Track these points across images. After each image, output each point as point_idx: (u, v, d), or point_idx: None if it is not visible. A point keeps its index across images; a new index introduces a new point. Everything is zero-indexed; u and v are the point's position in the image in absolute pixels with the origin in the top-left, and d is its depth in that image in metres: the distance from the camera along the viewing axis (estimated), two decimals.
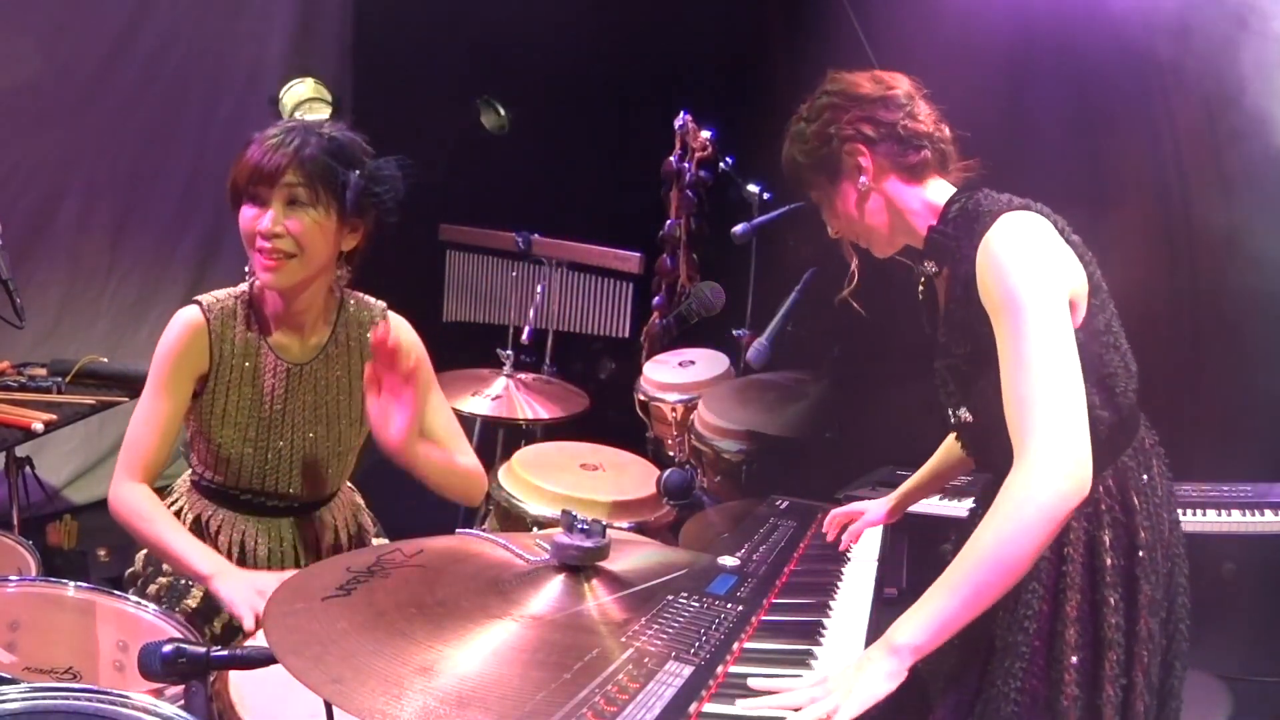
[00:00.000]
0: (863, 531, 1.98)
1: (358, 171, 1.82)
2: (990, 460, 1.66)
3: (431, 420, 2.09)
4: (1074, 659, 1.50)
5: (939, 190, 1.61)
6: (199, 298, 1.93)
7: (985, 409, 1.59)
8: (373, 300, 2.09)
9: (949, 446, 2.00)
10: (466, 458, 2.07)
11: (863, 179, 1.59)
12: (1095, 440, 1.40)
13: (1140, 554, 1.53)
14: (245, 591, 1.71)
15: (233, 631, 1.93)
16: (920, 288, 1.75)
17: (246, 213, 1.80)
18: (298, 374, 1.97)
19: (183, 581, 1.96)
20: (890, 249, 1.68)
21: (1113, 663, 1.50)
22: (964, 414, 1.65)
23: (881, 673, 1.25)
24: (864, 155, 1.58)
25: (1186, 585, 1.64)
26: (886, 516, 2.02)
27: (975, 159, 1.65)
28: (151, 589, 1.96)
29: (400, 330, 2.07)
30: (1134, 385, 1.59)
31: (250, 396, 1.94)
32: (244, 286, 1.97)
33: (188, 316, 1.90)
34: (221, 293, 1.95)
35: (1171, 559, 1.61)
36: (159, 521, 1.85)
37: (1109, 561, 1.52)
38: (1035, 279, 1.43)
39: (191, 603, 1.93)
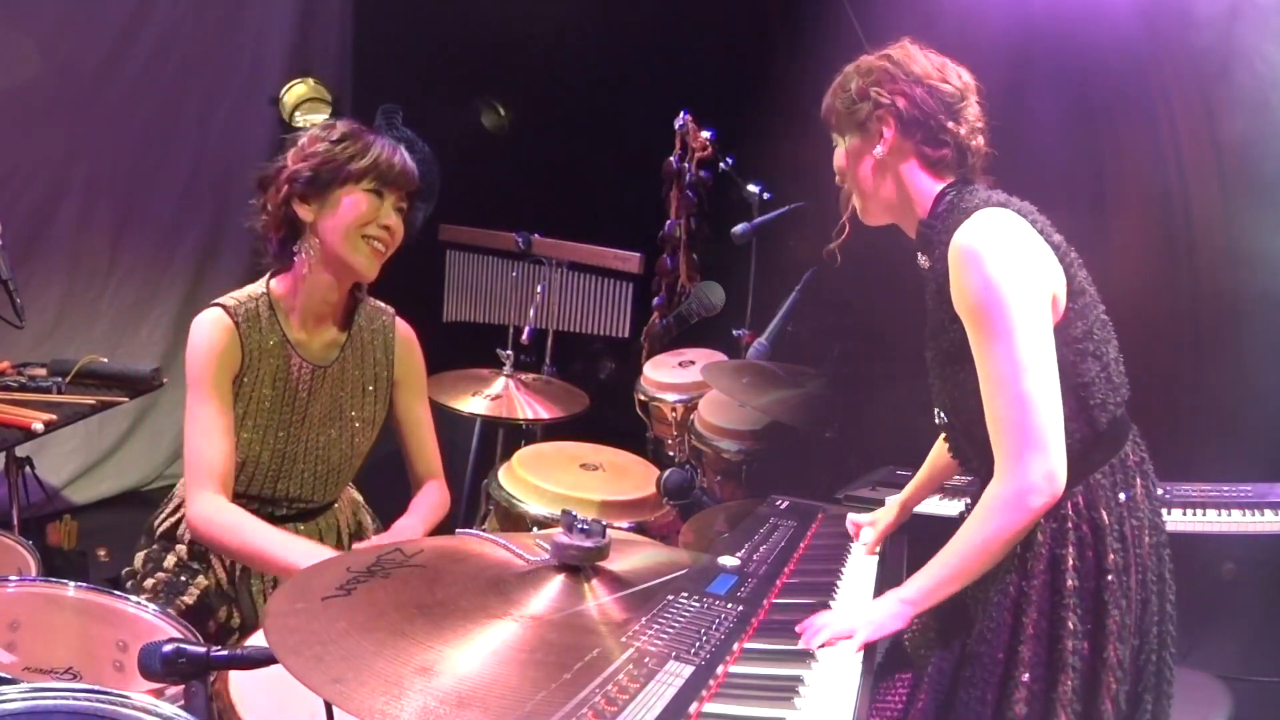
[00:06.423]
0: (881, 539, 1.97)
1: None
2: (967, 462, 1.66)
3: (418, 435, 2.10)
4: (1025, 676, 1.48)
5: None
6: (219, 301, 1.91)
7: (955, 409, 1.60)
8: (383, 305, 2.10)
9: (941, 448, 2.01)
10: (431, 500, 2.11)
11: (880, 147, 1.60)
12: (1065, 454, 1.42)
13: (1109, 577, 1.50)
14: None
15: (227, 630, 1.94)
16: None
17: (366, 201, 1.85)
18: (320, 374, 1.97)
19: (182, 578, 1.95)
20: (876, 218, 1.70)
21: (1067, 687, 1.47)
22: (941, 415, 1.66)
23: (891, 615, 1.48)
24: (889, 127, 1.59)
25: (1171, 613, 1.59)
26: (895, 523, 2.01)
27: (993, 178, 1.65)
28: (149, 583, 1.95)
29: (410, 339, 2.10)
30: (1117, 398, 1.56)
31: (271, 398, 1.92)
32: (260, 288, 1.95)
33: (215, 318, 1.88)
34: (240, 294, 1.94)
35: (1149, 585, 1.55)
36: (247, 529, 1.82)
37: (1070, 583, 1.50)
38: (1005, 283, 1.42)
39: (188, 599, 1.92)
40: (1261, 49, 2.73)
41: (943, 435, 1.76)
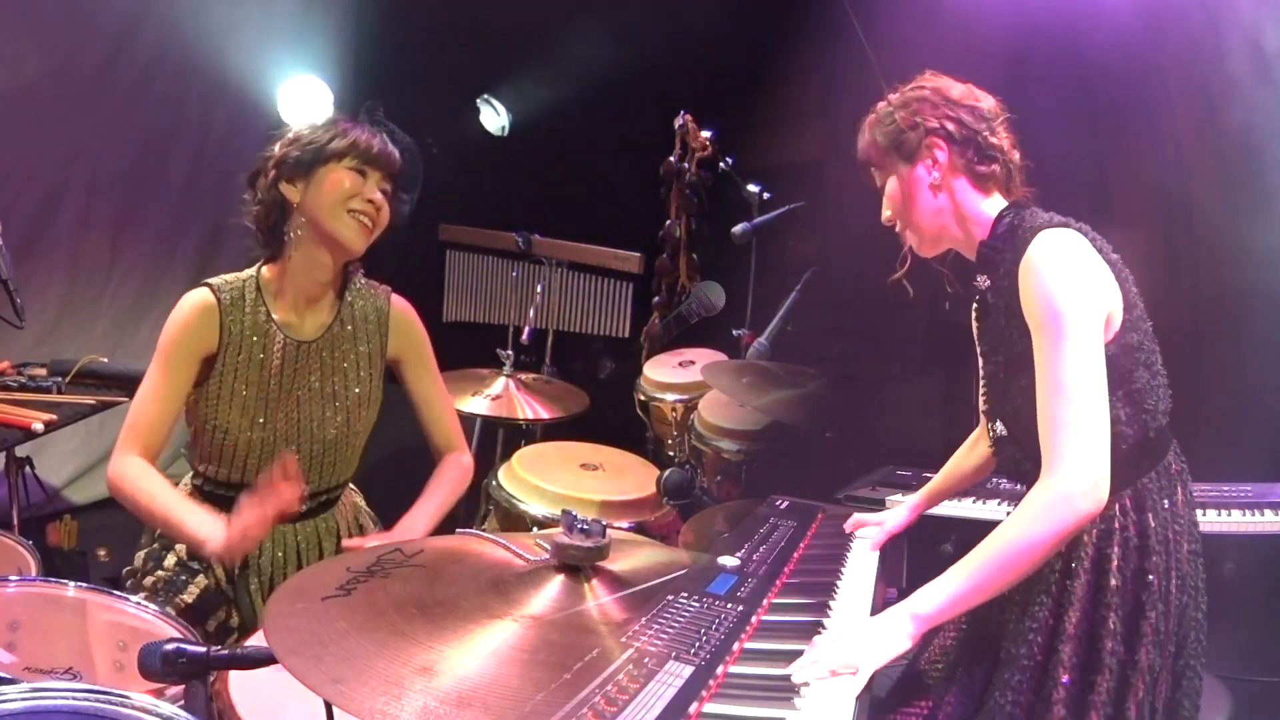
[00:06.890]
0: (888, 539, 1.98)
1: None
2: (1022, 476, 1.66)
3: (431, 409, 2.12)
4: (1065, 678, 1.49)
5: (995, 206, 1.65)
6: (208, 280, 1.96)
7: (1016, 420, 1.61)
8: (378, 284, 2.12)
9: (961, 457, 2.01)
10: (444, 482, 2.14)
11: (935, 172, 1.64)
12: (1116, 456, 1.44)
13: (1149, 577, 1.52)
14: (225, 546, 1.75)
15: (226, 630, 1.94)
16: (975, 303, 1.77)
17: (349, 178, 1.91)
18: (306, 350, 1.98)
19: (182, 577, 1.96)
20: (934, 249, 1.72)
21: (1101, 689, 1.48)
22: (999, 428, 1.67)
23: (901, 634, 1.38)
24: (942, 149, 1.63)
25: (1203, 622, 1.61)
26: (904, 526, 2.02)
27: (1035, 188, 1.68)
28: (148, 581, 1.96)
29: (407, 314, 2.12)
30: (1164, 407, 1.60)
31: (257, 379, 1.95)
32: (251, 272, 1.99)
33: (197, 297, 1.93)
34: (230, 276, 1.98)
35: (1187, 591, 1.57)
36: (161, 494, 1.85)
37: (1113, 582, 1.52)
38: (1075, 298, 1.47)
39: (187, 598, 1.93)
40: (1262, 49, 2.72)
41: (990, 451, 1.76)
